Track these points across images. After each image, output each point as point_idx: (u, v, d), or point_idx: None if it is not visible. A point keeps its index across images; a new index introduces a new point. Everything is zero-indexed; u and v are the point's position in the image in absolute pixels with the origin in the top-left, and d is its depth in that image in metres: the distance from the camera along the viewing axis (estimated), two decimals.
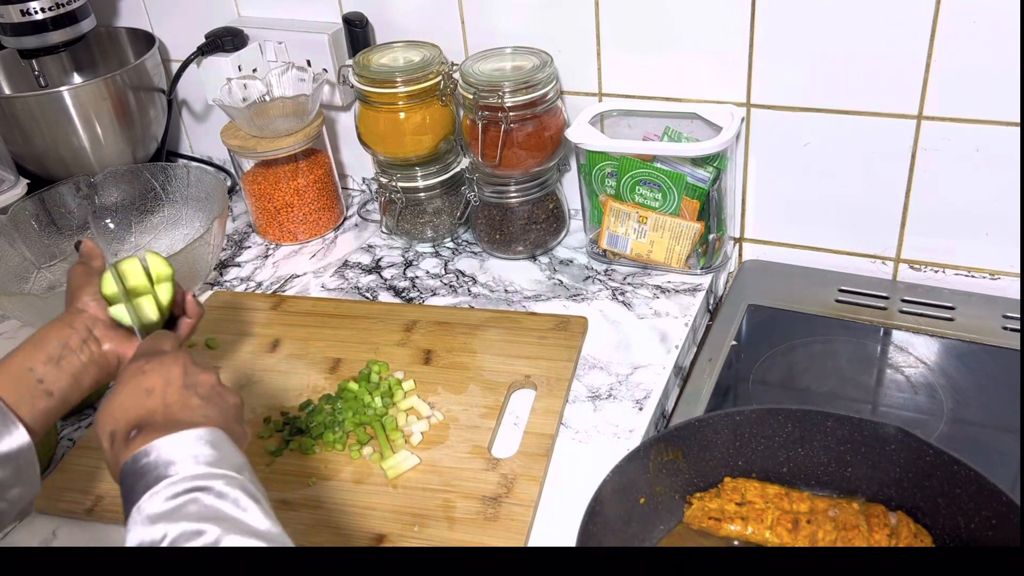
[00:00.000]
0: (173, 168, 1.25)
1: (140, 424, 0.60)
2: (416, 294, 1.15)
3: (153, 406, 0.62)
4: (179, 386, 0.64)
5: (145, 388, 0.63)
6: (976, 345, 1.01)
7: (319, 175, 1.27)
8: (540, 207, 1.18)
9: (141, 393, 0.63)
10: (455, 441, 0.91)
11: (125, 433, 0.60)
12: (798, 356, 1.03)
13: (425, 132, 1.16)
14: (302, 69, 1.24)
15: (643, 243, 1.11)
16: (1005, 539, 0.70)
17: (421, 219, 1.24)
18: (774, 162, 1.11)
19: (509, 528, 0.81)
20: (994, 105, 0.97)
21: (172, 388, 0.63)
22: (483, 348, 1.02)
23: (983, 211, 1.04)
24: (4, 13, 1.20)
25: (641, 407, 0.94)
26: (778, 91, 1.06)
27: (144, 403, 0.62)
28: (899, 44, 0.97)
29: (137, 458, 0.57)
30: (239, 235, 1.33)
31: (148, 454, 0.57)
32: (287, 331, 1.08)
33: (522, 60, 1.11)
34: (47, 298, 1.05)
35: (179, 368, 0.65)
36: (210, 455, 0.58)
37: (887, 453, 0.78)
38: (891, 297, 1.09)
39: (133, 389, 0.64)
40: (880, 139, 1.04)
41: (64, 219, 1.24)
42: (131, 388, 0.64)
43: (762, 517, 0.78)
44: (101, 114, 1.28)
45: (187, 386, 0.64)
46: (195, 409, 0.62)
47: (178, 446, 0.58)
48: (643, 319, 1.06)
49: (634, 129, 1.16)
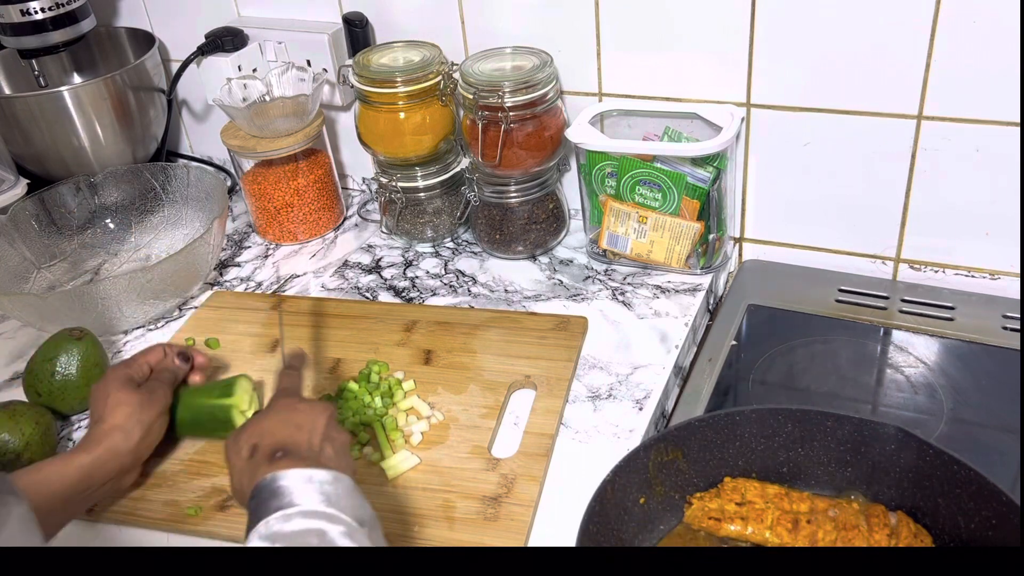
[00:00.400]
0: (173, 168, 1.25)
1: (286, 449, 0.66)
2: (416, 294, 1.15)
3: (300, 439, 0.68)
4: (322, 433, 0.70)
5: (296, 422, 0.70)
6: (976, 345, 1.01)
7: (319, 175, 1.27)
8: (540, 207, 1.18)
9: (291, 425, 0.69)
10: (455, 441, 0.91)
11: (269, 452, 0.66)
12: (798, 356, 1.03)
13: (425, 132, 1.16)
14: (302, 69, 1.24)
15: (643, 243, 1.11)
16: (1005, 539, 0.70)
17: (421, 219, 1.24)
18: (774, 162, 1.11)
19: (509, 528, 0.81)
20: (994, 105, 0.97)
21: (317, 432, 0.69)
22: (483, 348, 1.02)
23: (983, 211, 1.04)
24: (4, 13, 1.20)
25: (641, 407, 0.94)
26: (778, 91, 1.06)
27: (293, 433, 0.68)
28: (899, 44, 0.97)
29: (276, 478, 0.62)
30: (239, 235, 1.33)
31: (288, 477, 0.62)
32: (287, 331, 1.08)
33: (522, 60, 1.11)
34: (47, 298, 1.05)
35: (325, 418, 0.72)
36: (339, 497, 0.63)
37: (887, 453, 0.78)
38: (891, 297, 1.09)
39: (285, 418, 0.70)
40: (880, 139, 1.04)
41: (64, 219, 1.24)
42: (283, 417, 0.70)
43: (762, 517, 0.78)
44: (101, 114, 1.28)
45: (327, 438, 0.70)
46: (330, 459, 0.68)
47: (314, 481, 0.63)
48: (643, 319, 1.06)
49: (634, 129, 1.16)
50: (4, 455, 0.88)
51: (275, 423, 0.70)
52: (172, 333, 1.11)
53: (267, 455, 0.66)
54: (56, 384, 0.96)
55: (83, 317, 1.04)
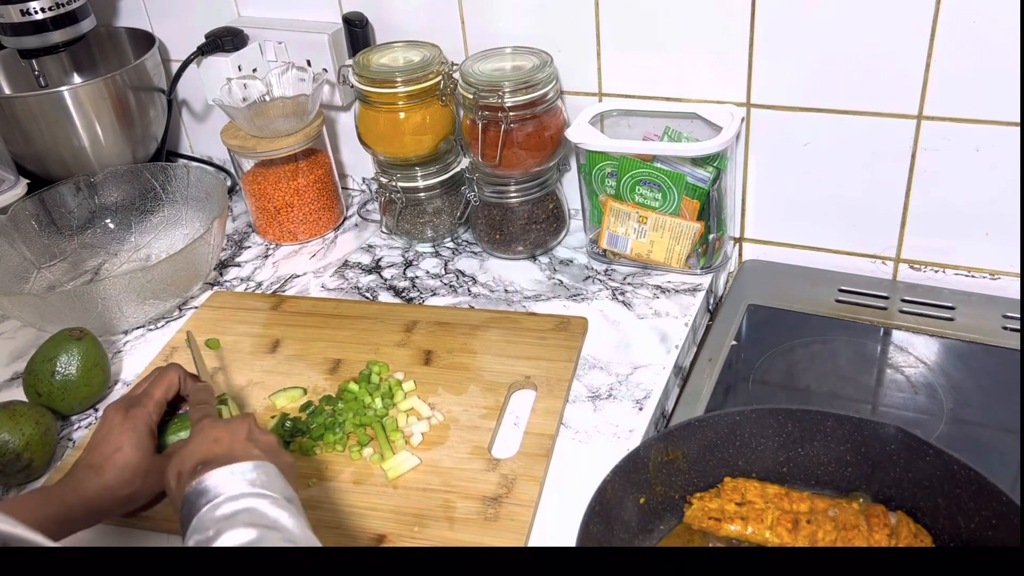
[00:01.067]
0: (173, 168, 1.25)
1: (205, 461, 0.68)
2: (416, 294, 1.15)
3: (219, 450, 0.69)
4: (243, 439, 0.71)
5: (213, 437, 0.71)
6: (976, 345, 1.01)
7: (319, 175, 1.27)
8: (540, 207, 1.18)
9: (209, 441, 0.71)
10: (455, 442, 0.91)
11: (191, 469, 0.67)
12: (798, 356, 1.03)
13: (425, 132, 1.16)
14: (302, 69, 1.24)
15: (643, 243, 1.11)
16: (1005, 539, 0.70)
17: (421, 219, 1.24)
18: (774, 162, 1.11)
19: (509, 528, 0.81)
20: (994, 105, 0.97)
21: (238, 440, 0.71)
22: (483, 349, 1.02)
23: (983, 211, 1.04)
24: (4, 13, 1.20)
25: (641, 407, 0.94)
26: (778, 91, 1.06)
27: (211, 447, 0.70)
28: (899, 44, 0.97)
29: (200, 481, 0.64)
30: (239, 235, 1.33)
31: (209, 478, 0.64)
32: (287, 331, 1.08)
33: (522, 60, 1.11)
34: (47, 298, 1.05)
35: (245, 427, 0.73)
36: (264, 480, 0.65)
37: (887, 453, 0.78)
38: (891, 297, 1.09)
39: (203, 439, 0.71)
40: (880, 139, 1.04)
41: (64, 219, 1.24)
42: (200, 438, 0.72)
43: (762, 517, 0.78)
44: (101, 114, 1.28)
45: (250, 440, 0.72)
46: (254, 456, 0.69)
47: (236, 473, 0.65)
48: (643, 319, 1.06)
49: (634, 129, 1.16)
50: (4, 455, 0.89)
51: (194, 445, 0.71)
52: (172, 333, 1.11)
53: (190, 472, 0.67)
54: (56, 384, 0.96)
55: (83, 317, 1.04)
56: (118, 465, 0.76)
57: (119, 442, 0.77)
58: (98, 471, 0.76)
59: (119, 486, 0.76)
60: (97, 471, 0.76)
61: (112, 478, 0.75)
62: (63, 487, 0.75)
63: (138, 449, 0.77)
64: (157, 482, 0.78)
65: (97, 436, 0.78)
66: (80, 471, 0.76)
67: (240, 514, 0.61)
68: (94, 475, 0.75)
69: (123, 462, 0.76)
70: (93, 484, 0.75)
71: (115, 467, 0.76)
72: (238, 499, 0.62)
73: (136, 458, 0.77)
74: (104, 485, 0.75)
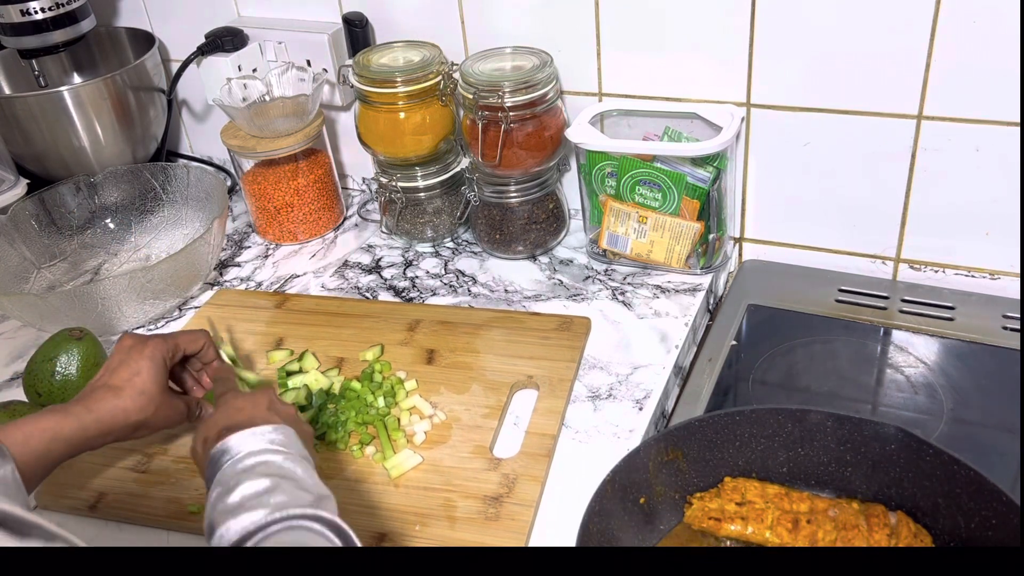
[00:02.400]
0: (173, 168, 1.25)
1: (228, 426, 0.70)
2: (416, 294, 1.15)
3: (241, 418, 0.72)
4: (265, 408, 0.74)
5: (236, 407, 0.74)
6: (976, 345, 1.01)
7: (319, 175, 1.27)
8: (540, 207, 1.18)
9: (232, 410, 0.73)
10: (457, 441, 0.91)
11: (216, 434, 0.70)
12: (798, 356, 1.03)
13: (425, 132, 1.16)
14: (302, 69, 1.24)
15: (643, 243, 1.11)
16: (1005, 539, 0.70)
17: (421, 219, 1.24)
18: (774, 162, 1.11)
19: (510, 528, 0.81)
20: (994, 105, 0.97)
21: (259, 408, 0.74)
22: (486, 348, 1.02)
23: (983, 211, 1.04)
24: (4, 13, 1.20)
25: (641, 407, 0.94)
26: (778, 91, 1.06)
27: (234, 415, 0.72)
28: (899, 44, 0.97)
29: (224, 443, 0.68)
30: (239, 235, 1.33)
31: (232, 439, 0.68)
32: (290, 330, 1.08)
33: (522, 60, 1.11)
34: (47, 298, 1.05)
35: (266, 398, 0.75)
36: (283, 440, 0.69)
37: (887, 453, 0.78)
38: (891, 297, 1.09)
39: (226, 409, 0.74)
40: (880, 139, 1.04)
41: (64, 219, 1.24)
42: (224, 408, 0.74)
43: (762, 517, 0.78)
44: (101, 114, 1.28)
45: (271, 409, 0.74)
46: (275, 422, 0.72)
47: (257, 434, 0.69)
48: (643, 319, 1.06)
49: (634, 129, 1.16)
50: None
51: (218, 415, 0.74)
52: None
53: (215, 437, 0.70)
54: (56, 384, 0.96)
55: (83, 317, 1.04)
56: (136, 388, 0.79)
57: (138, 367, 0.80)
58: (116, 392, 0.78)
59: (134, 410, 0.78)
60: (116, 392, 0.78)
61: (129, 402, 0.78)
62: (79, 405, 0.77)
63: (155, 378, 0.80)
64: (165, 416, 0.81)
65: (115, 360, 0.81)
66: (98, 391, 0.79)
67: (258, 466, 0.65)
68: (112, 396, 0.78)
69: (141, 386, 0.79)
70: (109, 404, 0.77)
71: (134, 390, 0.79)
72: (257, 455, 0.67)
73: (153, 386, 0.80)
74: (120, 407, 0.78)
